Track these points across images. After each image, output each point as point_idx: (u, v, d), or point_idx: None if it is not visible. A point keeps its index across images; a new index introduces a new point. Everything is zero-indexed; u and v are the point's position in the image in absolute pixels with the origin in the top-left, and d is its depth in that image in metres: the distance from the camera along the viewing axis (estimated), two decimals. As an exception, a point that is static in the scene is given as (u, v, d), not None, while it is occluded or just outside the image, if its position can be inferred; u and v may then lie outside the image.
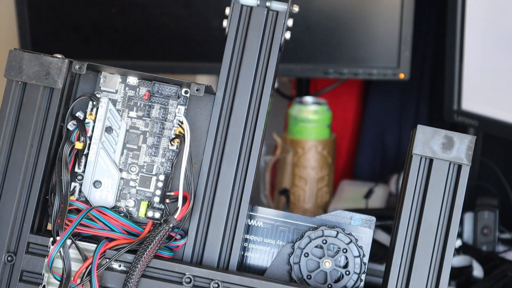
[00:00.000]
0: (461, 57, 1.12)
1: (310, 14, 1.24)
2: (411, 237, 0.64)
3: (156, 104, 0.67)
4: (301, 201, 1.27)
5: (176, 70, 1.27)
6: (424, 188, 0.65)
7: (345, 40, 1.25)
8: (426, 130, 0.64)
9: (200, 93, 0.66)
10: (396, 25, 1.23)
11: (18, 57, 0.64)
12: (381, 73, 1.25)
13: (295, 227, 0.68)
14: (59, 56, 0.65)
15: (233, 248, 0.66)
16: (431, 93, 1.38)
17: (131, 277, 0.62)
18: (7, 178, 0.65)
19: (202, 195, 0.66)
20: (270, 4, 0.67)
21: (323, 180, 1.28)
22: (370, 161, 1.43)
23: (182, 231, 0.65)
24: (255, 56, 0.67)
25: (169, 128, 0.67)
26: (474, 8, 1.10)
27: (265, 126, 0.67)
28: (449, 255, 0.63)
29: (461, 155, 0.64)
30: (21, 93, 0.65)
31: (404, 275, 0.64)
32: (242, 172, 0.66)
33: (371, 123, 1.43)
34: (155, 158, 0.67)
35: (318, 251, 0.67)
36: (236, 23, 0.67)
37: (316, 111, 1.28)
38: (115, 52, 1.28)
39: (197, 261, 0.66)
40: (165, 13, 1.25)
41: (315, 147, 1.27)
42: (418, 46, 1.28)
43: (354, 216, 0.68)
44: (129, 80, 0.67)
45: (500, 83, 1.09)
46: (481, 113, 1.11)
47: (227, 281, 0.63)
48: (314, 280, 0.66)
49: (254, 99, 0.67)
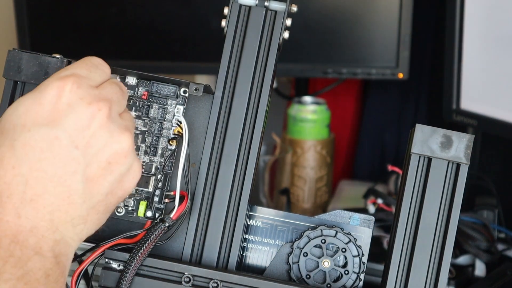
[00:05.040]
0: (460, 57, 1.13)
1: (309, 14, 1.24)
2: (410, 236, 0.64)
3: (155, 104, 0.67)
4: (300, 200, 1.27)
5: (175, 70, 1.27)
6: (423, 187, 0.65)
7: (344, 40, 1.26)
8: (425, 129, 0.64)
9: (198, 92, 0.66)
10: (395, 25, 1.23)
11: (17, 57, 0.64)
12: (380, 73, 1.25)
13: (294, 226, 0.68)
14: (58, 56, 0.65)
15: (232, 247, 0.66)
16: (430, 93, 1.38)
17: (125, 275, 0.62)
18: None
19: (201, 194, 0.66)
20: (268, 3, 0.67)
21: (322, 179, 1.28)
22: (369, 160, 1.43)
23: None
24: (254, 55, 0.67)
25: (168, 128, 0.67)
26: (473, 7, 1.10)
27: (264, 126, 0.67)
28: (448, 254, 0.63)
29: (460, 154, 0.64)
30: (20, 93, 0.65)
31: (403, 274, 0.64)
32: (241, 172, 0.66)
33: (370, 122, 1.43)
34: (154, 157, 0.67)
35: (317, 250, 0.67)
36: (234, 23, 0.67)
37: (315, 111, 1.28)
38: (114, 52, 1.28)
39: (196, 261, 0.66)
40: (164, 13, 1.25)
41: (314, 147, 1.27)
42: (417, 45, 1.28)
43: (353, 215, 0.68)
44: (128, 80, 0.67)
45: (499, 82, 1.09)
46: (480, 112, 1.11)
47: (226, 280, 0.63)
48: (313, 280, 0.67)
49: (253, 99, 0.67)
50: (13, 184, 0.54)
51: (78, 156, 0.55)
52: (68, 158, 0.55)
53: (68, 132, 0.55)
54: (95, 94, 0.57)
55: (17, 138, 0.54)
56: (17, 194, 0.54)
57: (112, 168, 0.57)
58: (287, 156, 1.26)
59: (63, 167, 0.55)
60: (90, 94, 0.57)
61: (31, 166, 0.54)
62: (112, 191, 0.58)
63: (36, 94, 0.56)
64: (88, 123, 0.56)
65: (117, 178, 0.58)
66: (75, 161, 0.55)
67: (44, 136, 0.54)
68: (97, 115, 0.56)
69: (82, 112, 0.56)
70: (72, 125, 0.55)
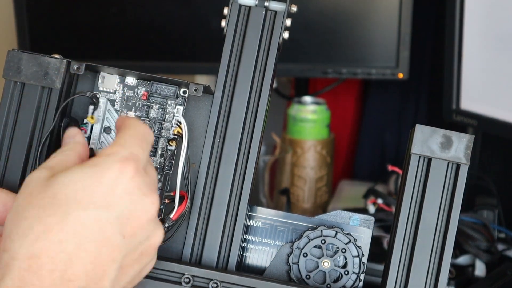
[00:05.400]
0: (460, 57, 1.13)
1: (308, 14, 1.24)
2: (410, 236, 0.64)
3: (155, 104, 0.67)
4: (300, 200, 1.27)
5: (175, 70, 1.27)
6: (423, 188, 0.65)
7: (344, 40, 1.26)
8: (425, 129, 0.64)
9: (198, 93, 0.66)
10: (395, 25, 1.23)
11: (17, 57, 0.64)
12: (380, 73, 1.25)
13: (294, 227, 0.68)
14: (58, 57, 0.65)
15: (232, 248, 0.66)
16: (430, 93, 1.38)
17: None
18: (5, 179, 0.65)
19: (201, 195, 0.66)
20: (268, 4, 0.67)
21: (322, 180, 1.28)
22: (369, 160, 1.43)
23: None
24: (254, 56, 0.67)
25: (168, 128, 0.67)
26: (473, 7, 1.10)
27: (263, 126, 0.67)
28: (448, 254, 0.63)
29: (460, 154, 0.64)
30: (19, 94, 0.65)
31: (403, 274, 0.64)
32: (241, 172, 0.66)
33: (370, 122, 1.43)
34: (153, 158, 0.67)
35: (317, 251, 0.67)
36: (234, 23, 0.67)
37: (315, 111, 1.28)
38: (114, 52, 1.28)
39: (196, 261, 0.66)
40: (163, 13, 1.25)
41: (314, 147, 1.27)
42: (416, 45, 1.28)
43: (353, 216, 0.68)
44: (128, 80, 0.67)
45: (499, 82, 1.09)
46: (480, 113, 1.11)
47: (226, 281, 0.63)
48: (313, 280, 0.66)
49: (253, 99, 0.67)
50: (56, 260, 0.52)
51: (122, 245, 0.55)
52: (114, 245, 0.54)
53: (120, 219, 0.54)
54: (149, 184, 0.57)
55: (71, 213, 0.53)
56: (59, 271, 0.52)
57: (141, 259, 0.57)
58: (287, 156, 1.26)
59: (106, 252, 0.54)
60: (145, 183, 0.56)
61: (78, 245, 0.53)
62: (133, 280, 0.58)
63: (96, 172, 0.55)
64: (139, 216, 0.56)
65: (141, 267, 0.58)
66: (118, 249, 0.54)
67: (97, 219, 0.54)
68: (150, 209, 0.56)
69: (138, 204, 0.55)
70: (126, 213, 0.55)
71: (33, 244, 0.53)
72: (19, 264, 0.52)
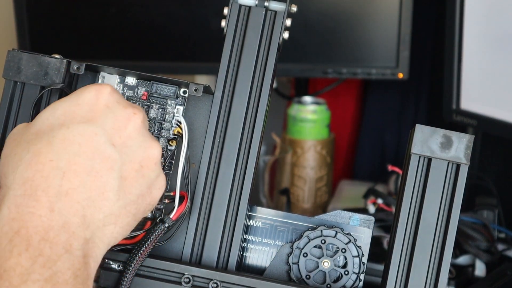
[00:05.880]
0: (460, 57, 1.13)
1: (308, 14, 1.24)
2: (410, 236, 0.64)
3: (155, 104, 0.67)
4: (300, 200, 1.27)
5: (175, 70, 1.28)
6: (423, 188, 0.65)
7: (344, 40, 1.26)
8: (425, 129, 0.64)
9: (198, 93, 0.66)
10: (395, 25, 1.23)
11: (17, 57, 0.64)
12: (380, 73, 1.25)
13: (294, 227, 0.68)
14: (58, 57, 0.65)
15: (232, 248, 0.66)
16: (430, 93, 1.38)
17: (125, 275, 0.62)
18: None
19: (201, 195, 0.66)
20: (268, 4, 0.67)
21: (322, 180, 1.28)
22: (369, 160, 1.43)
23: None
24: (254, 56, 0.67)
25: (168, 128, 0.67)
26: (473, 7, 1.10)
27: (263, 126, 0.67)
28: (448, 254, 0.63)
29: (460, 154, 0.64)
30: (19, 94, 0.65)
31: (403, 274, 0.64)
32: (241, 172, 0.66)
33: (370, 122, 1.43)
34: (153, 158, 0.67)
35: (317, 251, 0.67)
36: (234, 23, 0.67)
37: (315, 111, 1.28)
38: (114, 52, 1.28)
39: (196, 261, 0.66)
40: (163, 13, 1.25)
41: (314, 147, 1.27)
42: (417, 45, 1.28)
43: (353, 216, 0.68)
44: (128, 80, 0.67)
45: (499, 82, 1.09)
46: (480, 113, 1.11)
47: (226, 281, 0.63)
48: (313, 280, 0.66)
49: (253, 99, 0.67)
50: (50, 177, 0.54)
51: (115, 154, 0.57)
52: (105, 154, 0.56)
53: (105, 130, 0.57)
54: (129, 102, 0.60)
55: (55, 135, 0.55)
56: (54, 187, 0.54)
57: (143, 171, 0.59)
58: (287, 156, 1.26)
59: (100, 162, 0.56)
60: (123, 99, 0.60)
61: (69, 159, 0.55)
62: (143, 195, 0.59)
63: (73, 97, 0.58)
64: (124, 124, 0.58)
65: (147, 183, 0.59)
66: (112, 157, 0.56)
67: (82, 132, 0.56)
68: (132, 118, 0.59)
69: (119, 114, 0.58)
70: (110, 124, 0.57)
71: (26, 170, 0.54)
72: (14, 192, 0.54)
